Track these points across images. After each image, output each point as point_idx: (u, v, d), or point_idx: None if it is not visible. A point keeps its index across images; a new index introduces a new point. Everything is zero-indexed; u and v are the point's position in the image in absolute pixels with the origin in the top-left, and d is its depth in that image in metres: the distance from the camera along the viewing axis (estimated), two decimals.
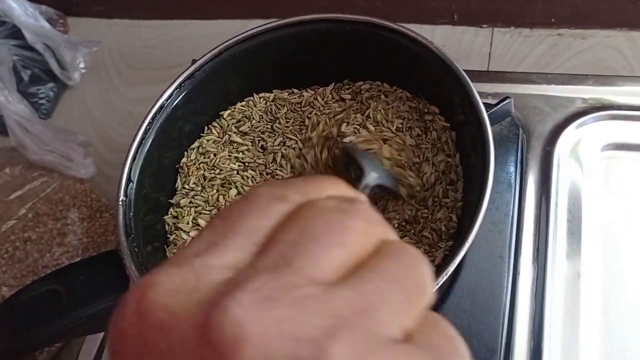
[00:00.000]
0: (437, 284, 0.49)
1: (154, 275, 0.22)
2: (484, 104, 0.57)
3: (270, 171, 0.64)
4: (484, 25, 0.86)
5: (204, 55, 0.62)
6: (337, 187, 0.26)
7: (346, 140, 0.61)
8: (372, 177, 0.48)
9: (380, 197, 0.59)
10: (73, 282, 0.52)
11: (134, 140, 0.58)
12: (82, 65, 0.91)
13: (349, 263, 0.22)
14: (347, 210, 0.24)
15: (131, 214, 0.55)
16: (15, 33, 0.89)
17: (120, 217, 0.54)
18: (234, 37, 0.63)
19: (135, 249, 0.53)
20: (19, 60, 0.89)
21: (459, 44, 0.86)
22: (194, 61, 0.65)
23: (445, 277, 0.48)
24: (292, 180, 0.27)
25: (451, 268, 0.48)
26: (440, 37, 0.86)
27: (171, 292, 0.21)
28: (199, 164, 0.64)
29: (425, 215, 0.58)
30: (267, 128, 0.66)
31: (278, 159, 0.64)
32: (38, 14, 0.90)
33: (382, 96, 0.66)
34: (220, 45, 0.62)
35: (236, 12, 0.93)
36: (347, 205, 0.24)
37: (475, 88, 0.57)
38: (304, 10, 0.86)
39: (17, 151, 0.81)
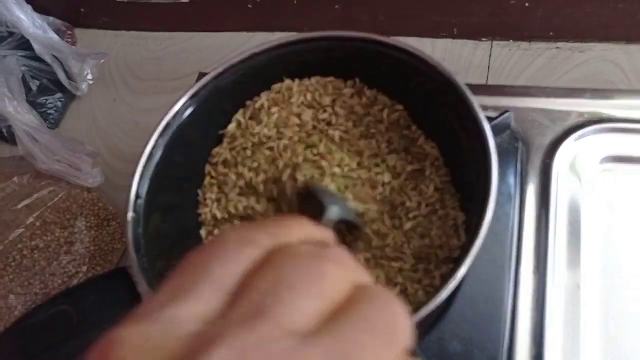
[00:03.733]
0: (431, 309, 0.48)
1: (116, 331, 0.20)
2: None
3: None
4: (484, 39, 0.86)
5: (208, 74, 0.62)
6: (305, 229, 0.26)
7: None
8: (334, 212, 0.47)
9: (346, 232, 0.58)
10: (83, 303, 0.52)
11: (141, 157, 0.57)
12: (89, 76, 0.91)
13: (324, 310, 0.22)
14: (321, 255, 0.23)
15: (140, 230, 0.54)
16: (24, 44, 0.89)
17: (130, 233, 0.53)
18: (237, 56, 0.63)
19: (146, 266, 0.53)
20: (28, 71, 0.89)
21: (459, 57, 0.85)
22: (200, 75, 0.64)
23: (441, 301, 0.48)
24: (259, 223, 0.26)
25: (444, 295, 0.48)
26: (440, 50, 0.86)
27: (136, 351, 0.19)
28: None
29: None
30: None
31: None
32: (46, 26, 0.89)
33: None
34: (223, 63, 0.62)
35: (241, 25, 0.93)
36: (320, 251, 0.23)
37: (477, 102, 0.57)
38: (308, 24, 0.86)
39: (26, 161, 0.80)
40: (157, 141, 0.59)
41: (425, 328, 0.59)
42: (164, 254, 0.55)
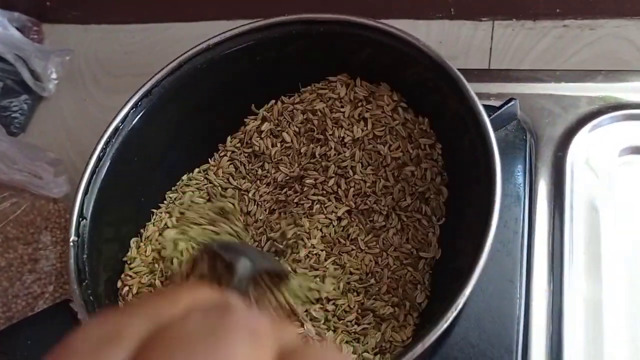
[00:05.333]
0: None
1: None
2: (486, 106, 0.50)
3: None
4: (484, 19, 0.78)
5: (161, 70, 0.53)
6: (196, 293, 0.20)
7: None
8: (244, 267, 0.38)
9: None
10: (20, 347, 0.43)
11: (85, 171, 0.49)
12: (54, 75, 0.82)
13: None
14: (220, 326, 0.17)
15: (85, 255, 0.45)
16: None
17: (72, 261, 0.45)
18: (194, 48, 0.54)
19: (91, 298, 0.44)
20: None
21: (456, 39, 0.78)
22: None
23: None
24: (138, 302, 0.20)
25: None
26: (436, 33, 0.79)
27: None
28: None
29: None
30: None
31: None
32: (6, 22, 0.81)
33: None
34: (179, 57, 0.53)
35: (219, 13, 0.85)
36: (217, 319, 0.18)
37: (476, 89, 0.51)
38: (291, 8, 0.77)
39: None
40: (103, 150, 0.50)
41: (424, 354, 0.50)
42: (112, 281, 0.46)
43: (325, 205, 0.56)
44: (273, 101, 0.60)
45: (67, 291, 0.69)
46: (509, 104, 0.58)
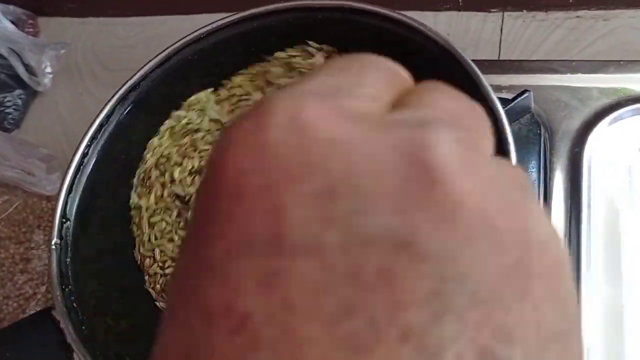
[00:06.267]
0: None
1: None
2: (498, 99, 0.46)
3: None
4: (493, 10, 0.74)
5: (150, 61, 0.49)
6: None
7: None
8: None
9: None
10: None
11: (68, 169, 0.45)
12: (49, 69, 0.78)
13: None
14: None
15: (68, 259, 0.41)
16: None
17: (54, 264, 0.40)
18: (185, 37, 0.50)
19: (74, 304, 0.40)
20: None
21: (465, 31, 0.74)
22: None
23: None
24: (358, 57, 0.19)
25: None
26: (444, 24, 0.75)
27: (334, 112, 0.15)
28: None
29: None
30: None
31: None
32: (1, 15, 0.77)
33: None
34: (168, 47, 0.49)
35: (218, 5, 0.80)
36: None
37: (486, 80, 0.46)
38: None
39: None
40: (88, 147, 0.45)
41: None
42: (99, 287, 0.42)
43: None
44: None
45: None
46: (522, 96, 0.54)
